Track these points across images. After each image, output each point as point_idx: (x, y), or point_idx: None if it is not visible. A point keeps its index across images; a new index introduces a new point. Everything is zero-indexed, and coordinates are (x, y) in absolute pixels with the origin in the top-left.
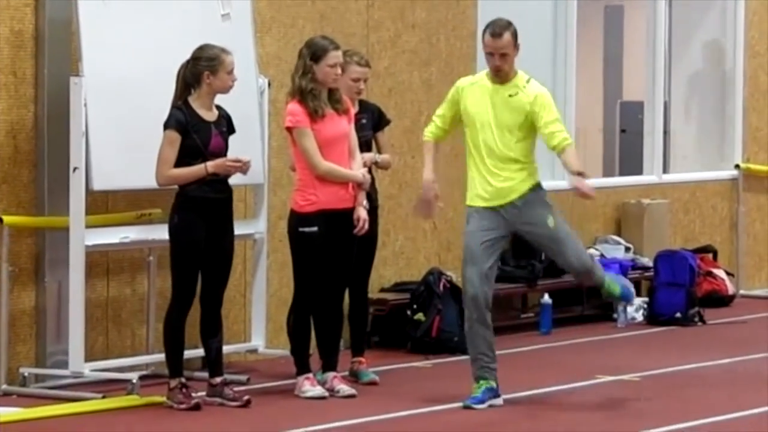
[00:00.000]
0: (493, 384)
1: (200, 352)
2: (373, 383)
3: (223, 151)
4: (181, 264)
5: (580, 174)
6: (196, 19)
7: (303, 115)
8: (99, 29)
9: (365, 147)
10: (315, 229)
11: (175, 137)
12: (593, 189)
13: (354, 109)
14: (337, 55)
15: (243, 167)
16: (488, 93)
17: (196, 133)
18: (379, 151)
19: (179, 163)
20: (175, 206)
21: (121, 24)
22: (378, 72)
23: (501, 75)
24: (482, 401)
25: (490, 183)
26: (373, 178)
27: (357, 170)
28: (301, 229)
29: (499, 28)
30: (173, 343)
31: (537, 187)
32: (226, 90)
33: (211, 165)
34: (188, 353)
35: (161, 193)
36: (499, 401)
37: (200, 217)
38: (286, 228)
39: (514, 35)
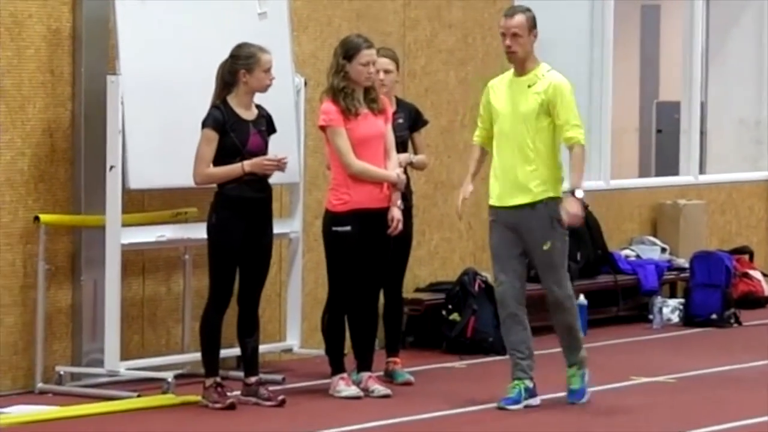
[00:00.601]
0: (529, 384)
1: (235, 351)
2: (407, 383)
3: (262, 150)
4: (218, 263)
5: (573, 194)
6: (233, 18)
7: (336, 114)
8: (136, 28)
9: (401, 147)
10: (348, 228)
11: (213, 136)
12: (579, 216)
13: (392, 109)
14: (370, 53)
15: (280, 165)
16: (510, 85)
17: (234, 131)
18: (416, 152)
19: (217, 161)
20: (214, 205)
21: (158, 23)
22: (414, 71)
23: (514, 59)
24: (516, 402)
25: (505, 179)
26: (408, 179)
27: (392, 170)
28: (334, 229)
29: (512, 9)
30: (210, 343)
31: (550, 201)
32: (263, 89)
33: (247, 164)
34: (224, 352)
35: (197, 192)
36: (535, 401)
37: (238, 217)
38: (320, 227)
39: (530, 20)
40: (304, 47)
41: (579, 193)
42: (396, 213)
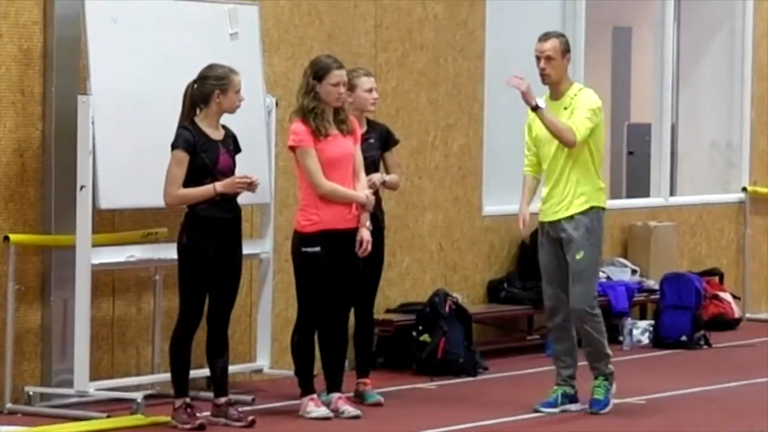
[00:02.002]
0: (569, 390)
1: (205, 372)
2: (378, 404)
3: (231, 170)
4: (188, 284)
5: (536, 106)
6: (205, 39)
7: (306, 135)
8: (107, 48)
9: (372, 167)
10: (317, 249)
11: (183, 157)
12: (518, 82)
13: (362, 129)
14: (340, 74)
15: (252, 186)
16: (547, 109)
17: (204, 152)
18: (387, 171)
19: (188, 182)
20: (184, 226)
21: (129, 43)
22: (386, 92)
23: (549, 82)
24: (552, 405)
25: (549, 197)
26: (379, 199)
27: (361, 191)
28: (303, 249)
29: (546, 33)
30: (179, 363)
31: (589, 211)
32: (233, 110)
33: (219, 185)
34: (193, 373)
35: (167, 213)
36: (575, 407)
37: (209, 237)
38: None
39: (563, 44)
40: (275, 68)
41: (540, 110)
42: (365, 234)
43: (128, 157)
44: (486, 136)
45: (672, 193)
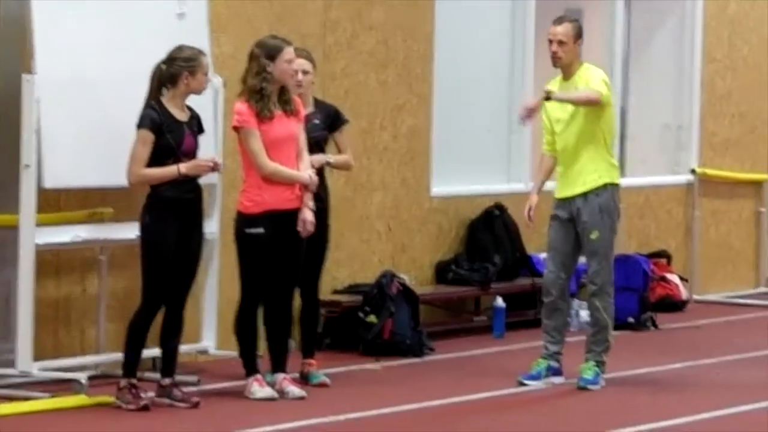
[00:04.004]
0: (554, 364)
1: (151, 352)
2: (323, 385)
3: (194, 152)
4: (153, 264)
5: (548, 95)
6: (152, 18)
7: (250, 116)
8: (52, 27)
9: (317, 147)
10: (261, 230)
11: (149, 136)
12: (530, 108)
13: (308, 109)
14: (291, 51)
15: (215, 168)
16: (560, 90)
17: (169, 132)
18: (339, 152)
19: (151, 162)
20: (146, 206)
21: (74, 22)
22: (335, 73)
23: (560, 65)
24: (535, 378)
25: (563, 175)
26: (324, 179)
27: (304, 171)
28: (247, 231)
29: (560, 18)
30: (135, 343)
31: (602, 188)
32: (201, 91)
33: (183, 167)
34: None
35: (113, 193)
36: (559, 379)
37: (171, 217)
38: None
39: (576, 28)
40: (223, 48)
41: (553, 94)
42: (307, 214)
43: (74, 137)
44: (435, 118)
45: (622, 174)
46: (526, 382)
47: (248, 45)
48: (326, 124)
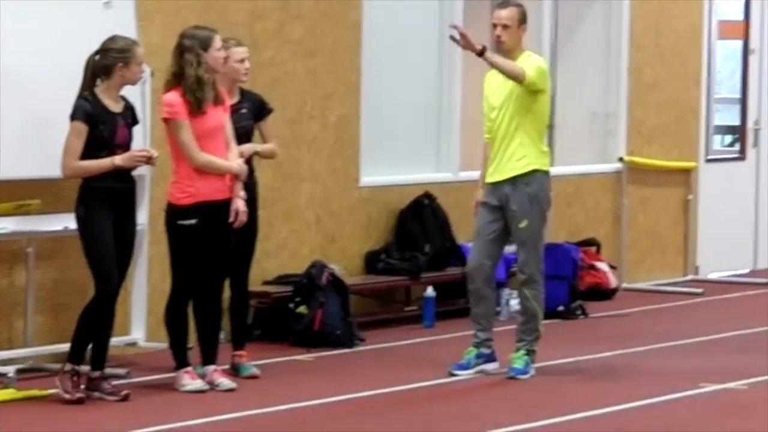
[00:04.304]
0: (485, 350)
1: None
2: (253, 377)
3: (128, 143)
4: (96, 253)
5: (483, 49)
6: (78, 7)
7: (180, 106)
8: None
9: (245, 137)
10: (193, 221)
11: (83, 128)
12: (465, 40)
13: (234, 99)
14: (219, 38)
15: (150, 160)
16: (499, 75)
17: (103, 124)
18: (264, 141)
19: (85, 154)
20: (80, 197)
21: (1, 14)
22: (262, 62)
23: (503, 49)
24: (465, 368)
25: (495, 160)
26: (252, 169)
27: (234, 161)
28: (179, 222)
29: (505, 2)
30: (82, 331)
31: (531, 175)
32: (135, 82)
33: (118, 159)
34: (61, 346)
35: (40, 184)
36: (493, 366)
37: (105, 208)
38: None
39: (521, 13)
40: (150, 38)
41: (487, 52)
42: (239, 204)
43: (3, 129)
44: (364, 107)
45: (551, 163)
46: (455, 372)
47: (175, 35)
48: (253, 114)
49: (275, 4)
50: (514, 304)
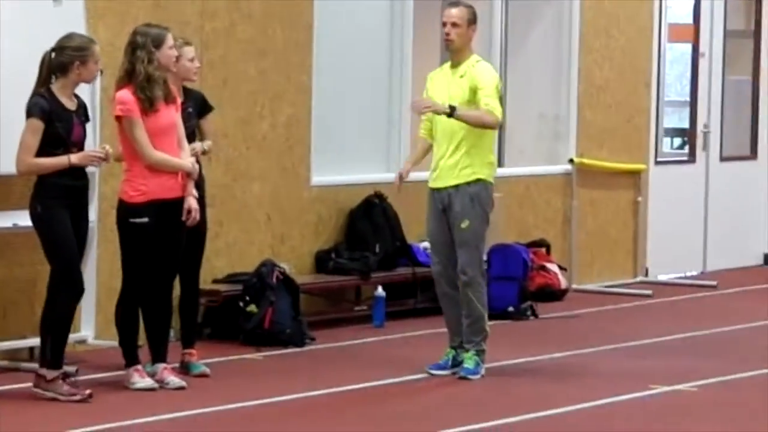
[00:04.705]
0: (460, 351)
1: (28, 342)
2: (203, 375)
3: (83, 141)
4: (58, 250)
5: (451, 109)
6: (27, 5)
7: (134, 104)
8: None
9: (192, 136)
10: (145, 219)
11: (39, 125)
12: (424, 106)
13: (180, 98)
14: (171, 36)
15: (106, 159)
16: (445, 76)
17: (59, 122)
18: (203, 138)
19: (41, 151)
20: (36, 195)
21: None
22: (213, 62)
23: (452, 48)
24: (442, 368)
25: (438, 165)
26: (200, 167)
27: (186, 159)
28: (131, 220)
29: (455, 1)
30: (60, 333)
31: (476, 182)
32: (92, 80)
33: (74, 157)
34: (16, 343)
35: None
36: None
37: (63, 205)
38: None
39: (471, 13)
40: (100, 36)
41: (455, 110)
42: (192, 203)
43: None
44: (314, 107)
45: (500, 164)
46: (433, 372)
47: (126, 32)
48: (196, 112)
49: (226, 3)
50: None
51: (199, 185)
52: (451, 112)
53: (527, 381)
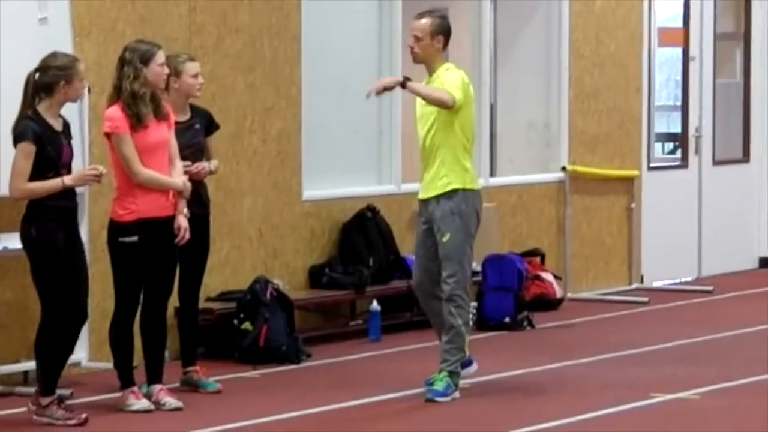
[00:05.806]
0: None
1: (22, 366)
2: (218, 392)
3: (71, 161)
4: (48, 276)
5: (405, 80)
6: (13, 23)
7: (122, 121)
8: None
9: (200, 154)
10: (135, 238)
11: (31, 149)
12: (385, 87)
13: (186, 115)
14: (162, 54)
15: (99, 178)
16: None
17: (50, 144)
18: (208, 158)
19: (32, 174)
20: (29, 218)
21: None
22: (201, 76)
23: (417, 60)
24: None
25: (422, 177)
26: (206, 186)
27: (177, 178)
28: (121, 239)
29: (422, 12)
30: (49, 359)
31: (454, 193)
32: (78, 98)
33: (69, 179)
34: (10, 368)
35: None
36: (472, 368)
37: (57, 227)
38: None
39: (434, 25)
40: (87, 53)
41: (409, 83)
42: (182, 221)
43: None
44: (304, 120)
45: (492, 173)
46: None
47: (112, 50)
48: (204, 129)
49: (213, 18)
50: None
51: (205, 204)
52: (404, 84)
53: (527, 393)
